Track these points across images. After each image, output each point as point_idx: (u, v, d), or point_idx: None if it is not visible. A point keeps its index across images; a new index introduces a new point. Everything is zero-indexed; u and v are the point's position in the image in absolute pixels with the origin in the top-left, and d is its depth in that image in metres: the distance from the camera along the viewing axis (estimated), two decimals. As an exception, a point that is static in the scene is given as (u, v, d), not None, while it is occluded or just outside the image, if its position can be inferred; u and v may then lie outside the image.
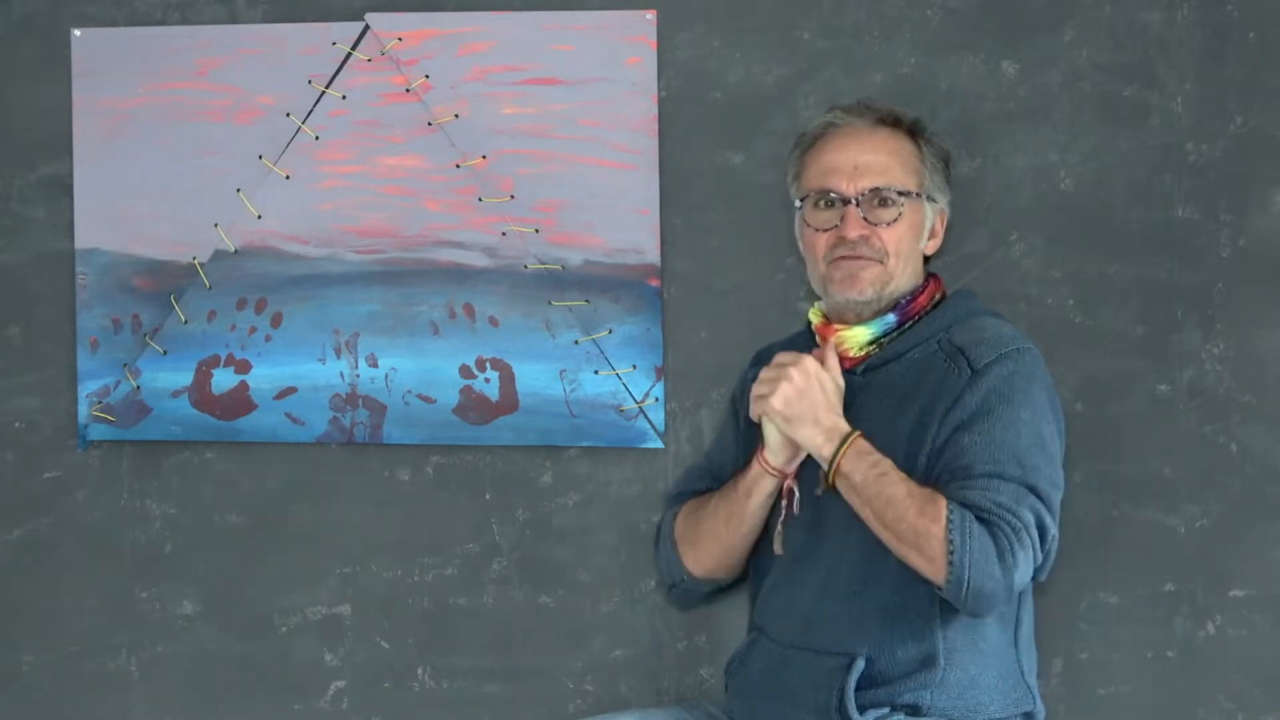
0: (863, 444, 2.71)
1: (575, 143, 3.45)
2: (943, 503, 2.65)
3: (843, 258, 2.81)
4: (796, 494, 2.81)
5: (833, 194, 2.82)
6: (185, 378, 3.58)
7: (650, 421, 3.45)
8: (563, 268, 3.47)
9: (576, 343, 3.47)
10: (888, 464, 2.70)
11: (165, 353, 3.58)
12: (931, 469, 2.73)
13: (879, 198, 2.81)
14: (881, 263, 2.80)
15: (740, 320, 3.39)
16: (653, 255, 3.44)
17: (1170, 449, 3.32)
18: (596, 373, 3.47)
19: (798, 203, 2.89)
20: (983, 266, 3.36)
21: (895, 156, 2.84)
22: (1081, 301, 3.34)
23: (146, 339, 3.58)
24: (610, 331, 3.46)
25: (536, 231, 3.47)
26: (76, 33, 3.58)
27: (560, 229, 3.46)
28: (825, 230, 2.83)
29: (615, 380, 3.46)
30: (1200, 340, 3.31)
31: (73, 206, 3.60)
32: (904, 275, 2.83)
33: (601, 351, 3.46)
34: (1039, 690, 2.84)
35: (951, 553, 2.63)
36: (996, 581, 2.65)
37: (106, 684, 3.64)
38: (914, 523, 2.65)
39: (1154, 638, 3.34)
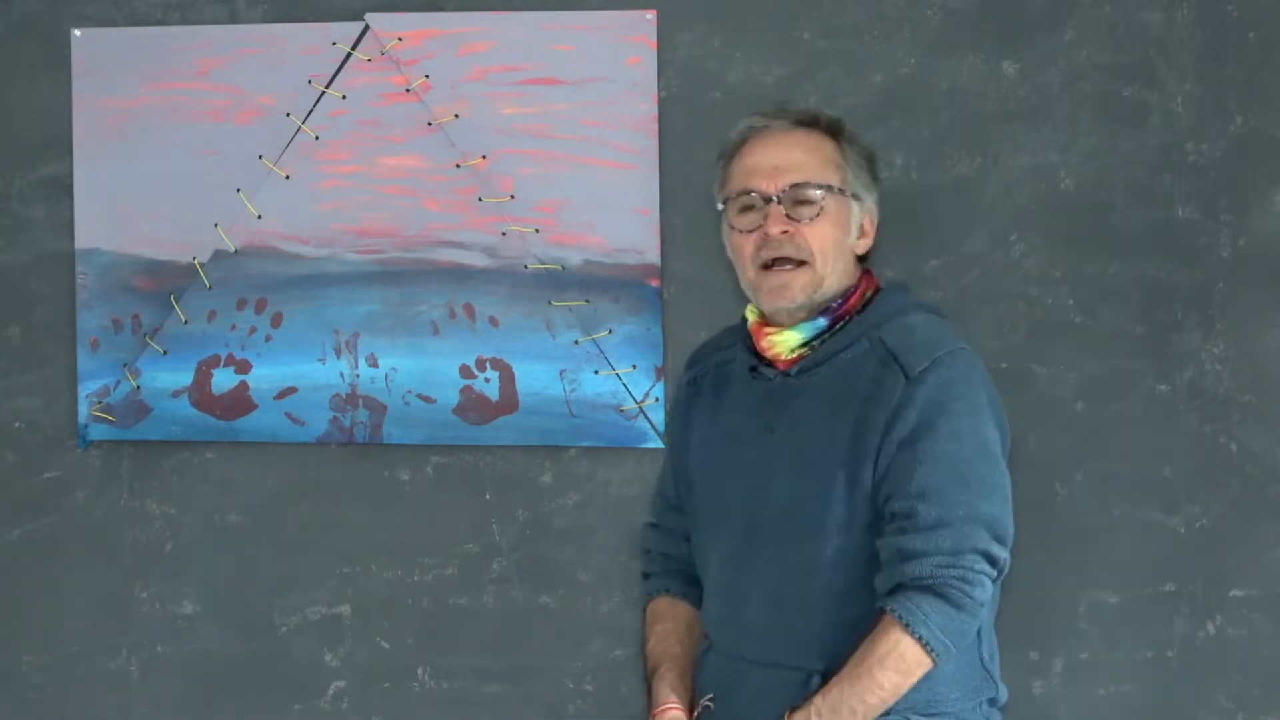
0: (799, 718, 2.70)
1: (575, 143, 3.45)
2: (885, 622, 2.68)
3: (772, 267, 2.80)
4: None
5: (753, 193, 2.81)
6: (185, 378, 3.58)
7: (650, 421, 3.46)
8: (563, 268, 3.47)
9: (576, 343, 3.47)
10: (829, 701, 2.69)
11: (165, 353, 3.58)
12: (878, 490, 2.73)
13: (799, 195, 2.79)
14: (808, 263, 2.79)
15: (740, 320, 3.39)
16: (653, 255, 3.44)
17: (1170, 449, 3.32)
18: (596, 373, 3.47)
19: (720, 206, 2.88)
20: (983, 266, 3.36)
21: (813, 154, 2.82)
22: (1081, 301, 3.34)
23: (146, 339, 3.58)
24: (610, 331, 3.46)
25: (536, 231, 3.47)
26: (76, 33, 3.58)
27: (560, 229, 3.47)
28: (750, 232, 2.82)
29: (615, 380, 3.46)
30: (1200, 340, 3.31)
31: (73, 206, 3.60)
32: (834, 274, 2.81)
33: (601, 351, 3.46)
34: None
35: (925, 643, 2.67)
36: (968, 624, 2.71)
37: (106, 684, 3.64)
38: (892, 677, 2.68)
39: (1154, 638, 3.34)
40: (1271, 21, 3.27)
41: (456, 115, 3.48)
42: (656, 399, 3.45)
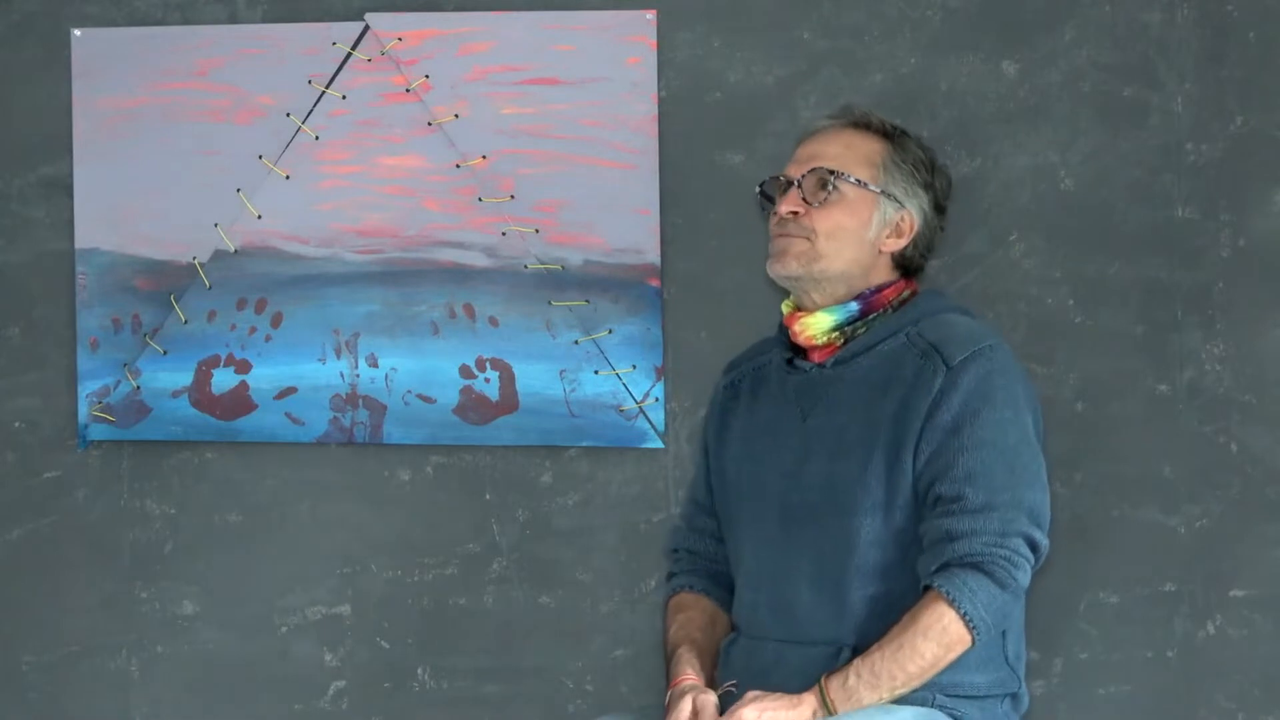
0: (835, 681, 2.72)
1: (575, 143, 3.45)
2: (930, 596, 2.72)
3: (776, 235, 2.89)
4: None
5: (782, 178, 2.91)
6: (185, 378, 3.58)
7: (650, 421, 3.46)
8: (563, 268, 3.47)
9: (576, 343, 3.47)
10: (867, 665, 2.72)
11: (165, 353, 3.58)
12: (919, 475, 2.78)
13: (816, 178, 2.87)
14: (809, 240, 2.86)
15: (740, 320, 3.39)
16: (653, 255, 3.44)
17: (1170, 449, 3.32)
18: (596, 373, 3.47)
19: (757, 190, 2.98)
20: (983, 266, 3.36)
21: (851, 149, 2.91)
22: (1081, 301, 3.34)
23: (146, 339, 3.58)
24: (610, 331, 3.46)
25: (536, 231, 3.47)
26: (76, 33, 3.58)
27: (560, 229, 3.47)
28: (776, 212, 2.92)
29: (615, 380, 3.46)
30: (1200, 340, 3.31)
31: (73, 206, 3.60)
32: (839, 258, 2.87)
33: (601, 351, 3.46)
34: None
35: (969, 619, 2.71)
36: (1009, 605, 2.77)
37: (106, 684, 3.64)
38: (934, 649, 2.72)
39: (1154, 638, 3.34)
40: (1271, 21, 3.27)
41: (456, 115, 3.48)
42: (656, 399, 3.45)
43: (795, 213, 2.87)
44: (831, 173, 2.86)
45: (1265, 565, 3.30)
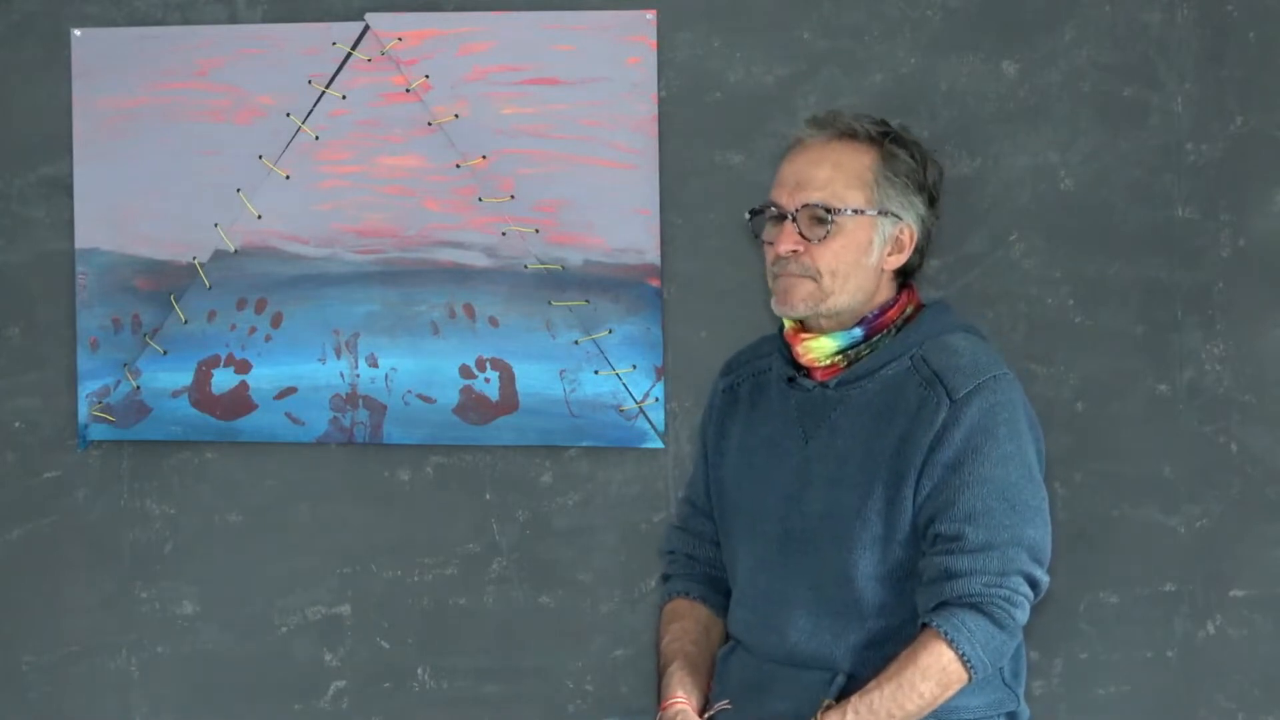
0: (832, 718, 2.71)
1: (575, 143, 3.45)
2: (928, 635, 2.71)
3: (778, 274, 2.82)
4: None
5: (774, 207, 2.83)
6: (185, 378, 3.58)
7: (650, 421, 3.46)
8: (563, 268, 3.47)
9: (576, 343, 3.47)
10: (865, 703, 2.71)
11: (165, 353, 3.58)
12: (919, 511, 2.75)
13: (811, 214, 2.79)
14: (815, 280, 2.80)
15: (740, 320, 3.39)
16: (653, 255, 3.44)
17: (1170, 449, 3.32)
18: (596, 373, 3.47)
19: (746, 217, 2.91)
20: (983, 266, 3.36)
21: (841, 170, 2.80)
22: (1081, 301, 3.34)
23: (146, 339, 3.58)
24: (610, 331, 3.46)
25: (536, 231, 3.47)
26: (76, 33, 3.58)
27: (560, 229, 3.47)
28: (770, 244, 2.83)
29: (615, 380, 3.46)
30: (1200, 340, 3.31)
31: (73, 206, 3.60)
32: (845, 291, 2.80)
33: (601, 351, 3.46)
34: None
35: (967, 659, 2.70)
36: (1007, 644, 2.75)
37: (106, 684, 3.64)
38: (932, 688, 2.71)
39: (1154, 638, 3.34)
40: (1271, 21, 3.27)
41: (456, 115, 3.48)
42: (656, 399, 3.45)
43: (795, 250, 2.80)
44: (827, 210, 2.78)
45: (1265, 565, 3.30)
